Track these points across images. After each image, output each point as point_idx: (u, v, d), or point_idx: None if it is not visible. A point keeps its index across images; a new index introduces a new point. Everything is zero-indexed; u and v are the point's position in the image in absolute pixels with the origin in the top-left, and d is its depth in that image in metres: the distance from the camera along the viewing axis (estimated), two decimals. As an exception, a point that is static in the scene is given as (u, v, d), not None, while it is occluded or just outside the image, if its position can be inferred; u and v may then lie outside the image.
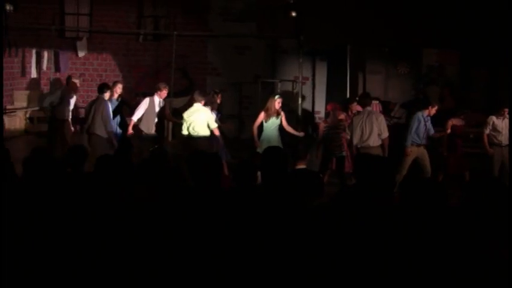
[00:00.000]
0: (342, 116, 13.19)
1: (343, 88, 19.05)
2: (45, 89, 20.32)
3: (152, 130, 13.63)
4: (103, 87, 13.50)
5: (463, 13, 18.24)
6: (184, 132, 13.10)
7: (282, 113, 13.29)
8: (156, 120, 13.75)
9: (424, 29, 18.72)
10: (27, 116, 20.09)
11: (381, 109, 13.14)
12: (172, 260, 4.85)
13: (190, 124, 12.91)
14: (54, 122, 14.90)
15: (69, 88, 15.50)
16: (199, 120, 12.93)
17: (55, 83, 16.36)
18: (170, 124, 18.32)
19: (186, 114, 13.06)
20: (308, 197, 5.50)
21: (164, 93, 13.72)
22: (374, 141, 12.31)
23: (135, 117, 13.49)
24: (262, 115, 13.16)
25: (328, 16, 18.78)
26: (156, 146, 10.50)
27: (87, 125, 13.19)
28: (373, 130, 12.29)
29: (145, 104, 13.60)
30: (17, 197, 5.62)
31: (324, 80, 21.10)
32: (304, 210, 5.29)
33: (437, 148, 13.94)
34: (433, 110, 13.24)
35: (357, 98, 14.68)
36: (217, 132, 13.02)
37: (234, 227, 5.10)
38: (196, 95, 13.17)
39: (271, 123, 13.11)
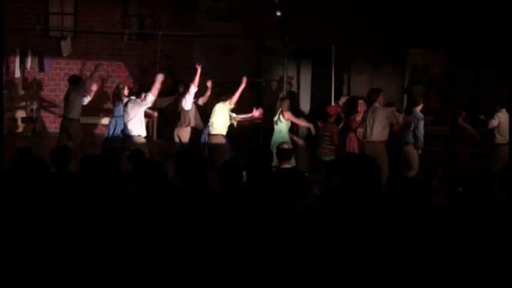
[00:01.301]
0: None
1: (328, 87, 19.12)
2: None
3: None
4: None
5: (448, 12, 18.33)
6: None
7: None
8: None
9: (409, 29, 18.79)
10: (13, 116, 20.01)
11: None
12: (158, 258, 4.86)
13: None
14: (64, 121, 14.67)
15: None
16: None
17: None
18: (155, 124, 18.37)
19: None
20: (293, 196, 5.52)
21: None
22: (377, 137, 12.32)
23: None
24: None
25: (313, 16, 18.82)
26: (132, 149, 10.50)
27: None
28: (375, 125, 12.29)
29: None
30: (1, 195, 5.62)
31: (309, 79, 21.19)
32: (290, 209, 5.32)
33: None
34: (418, 109, 13.29)
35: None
36: None
37: (219, 225, 5.12)
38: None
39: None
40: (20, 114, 20.04)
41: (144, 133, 12.38)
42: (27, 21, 20.47)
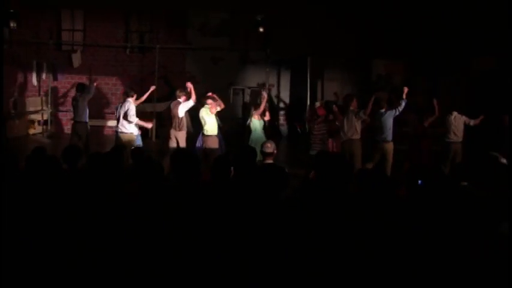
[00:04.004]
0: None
1: (304, 93, 19.20)
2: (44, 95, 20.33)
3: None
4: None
5: (408, 29, 18.44)
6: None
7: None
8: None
9: (374, 43, 18.91)
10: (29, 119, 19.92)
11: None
12: (158, 248, 4.82)
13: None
14: (74, 124, 14.43)
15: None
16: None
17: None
18: (155, 125, 18.32)
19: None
20: (275, 188, 5.49)
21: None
22: (355, 135, 12.49)
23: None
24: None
25: (292, 31, 18.90)
26: (133, 147, 10.40)
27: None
28: (352, 126, 12.43)
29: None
30: (18, 190, 5.58)
31: (288, 86, 21.26)
32: (272, 199, 5.30)
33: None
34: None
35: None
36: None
37: (211, 215, 5.09)
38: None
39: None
40: (37, 117, 20.00)
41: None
42: (43, 36, 20.49)
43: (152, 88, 14.31)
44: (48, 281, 4.70)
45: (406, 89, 13.08)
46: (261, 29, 18.40)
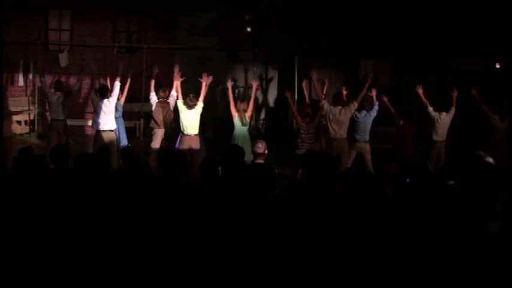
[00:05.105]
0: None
1: (292, 92, 19.24)
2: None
3: None
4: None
5: (396, 29, 18.50)
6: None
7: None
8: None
9: (362, 43, 18.94)
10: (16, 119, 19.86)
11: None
12: (147, 244, 4.83)
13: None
14: (51, 122, 14.46)
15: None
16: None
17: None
18: (142, 124, 18.33)
19: None
20: (263, 188, 5.50)
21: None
22: (344, 134, 12.59)
23: None
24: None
25: (279, 31, 18.91)
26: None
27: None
28: (340, 125, 12.46)
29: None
30: (6, 190, 5.56)
31: (276, 85, 21.30)
32: (260, 199, 5.31)
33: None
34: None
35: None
36: None
37: (200, 215, 5.10)
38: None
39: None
40: (23, 117, 19.95)
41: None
42: (30, 36, 20.39)
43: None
44: (38, 280, 4.70)
45: (374, 91, 13.26)
46: (249, 29, 18.45)
